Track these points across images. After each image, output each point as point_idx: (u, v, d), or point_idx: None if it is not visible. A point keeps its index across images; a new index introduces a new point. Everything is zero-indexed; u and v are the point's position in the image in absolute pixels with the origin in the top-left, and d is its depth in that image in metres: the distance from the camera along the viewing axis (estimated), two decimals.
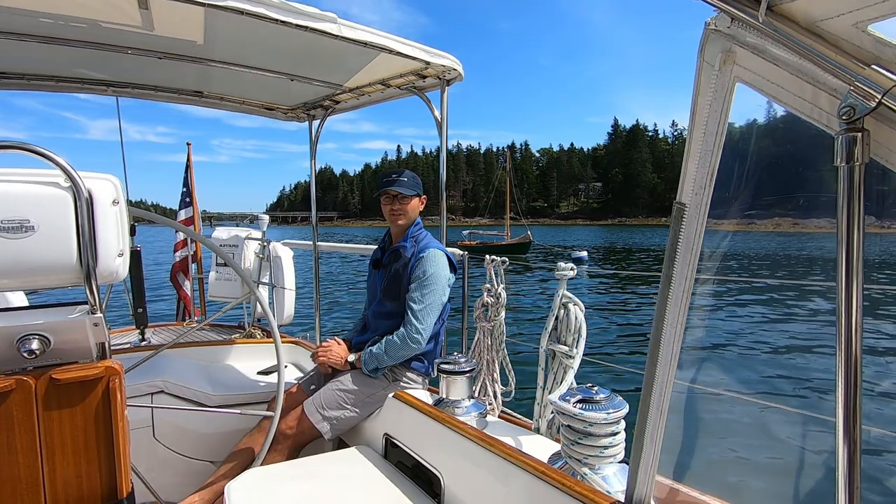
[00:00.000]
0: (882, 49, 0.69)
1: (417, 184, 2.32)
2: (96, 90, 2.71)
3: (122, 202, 1.27)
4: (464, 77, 2.37)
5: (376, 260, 2.41)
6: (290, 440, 2.09)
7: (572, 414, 1.43)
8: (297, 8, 1.75)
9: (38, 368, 1.20)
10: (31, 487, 1.18)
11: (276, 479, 1.77)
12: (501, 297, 2.14)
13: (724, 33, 0.85)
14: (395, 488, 1.75)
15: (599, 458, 1.42)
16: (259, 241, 4.01)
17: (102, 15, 1.83)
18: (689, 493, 1.23)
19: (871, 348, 6.02)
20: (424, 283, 2.13)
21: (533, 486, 1.39)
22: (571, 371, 1.82)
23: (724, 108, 0.89)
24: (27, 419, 1.17)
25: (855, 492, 0.77)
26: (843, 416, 0.76)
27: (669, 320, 1.02)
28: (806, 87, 0.78)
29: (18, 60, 2.33)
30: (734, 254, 1.00)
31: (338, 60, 2.31)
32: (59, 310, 1.25)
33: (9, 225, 1.11)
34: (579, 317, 1.84)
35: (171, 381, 2.49)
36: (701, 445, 1.30)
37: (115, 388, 1.25)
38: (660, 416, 1.06)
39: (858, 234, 0.73)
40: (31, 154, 1.16)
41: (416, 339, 2.09)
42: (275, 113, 3.27)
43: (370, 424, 2.18)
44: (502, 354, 2.16)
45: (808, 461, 1.46)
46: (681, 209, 0.97)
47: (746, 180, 0.95)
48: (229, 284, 4.20)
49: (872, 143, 0.72)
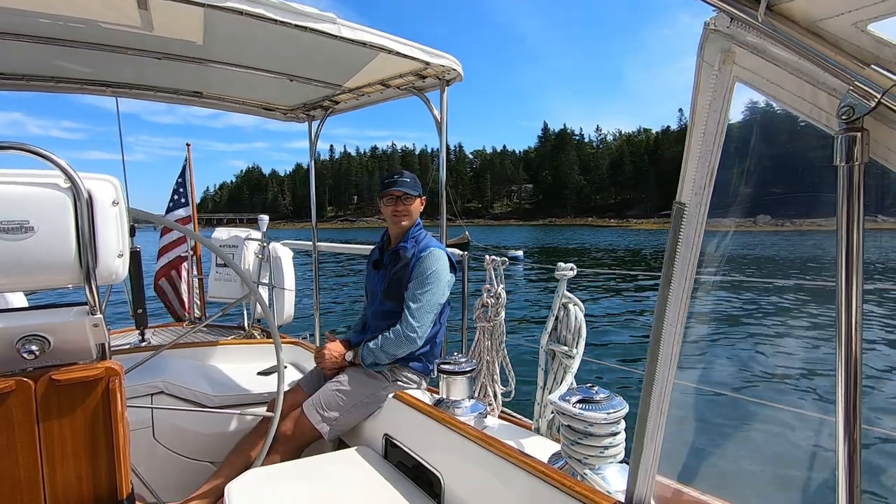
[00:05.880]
0: (881, 49, 0.69)
1: (418, 185, 2.32)
2: (95, 91, 2.70)
3: (122, 203, 1.27)
4: (463, 77, 2.37)
5: (376, 260, 2.41)
6: (290, 441, 2.09)
7: (572, 414, 1.43)
8: (296, 8, 1.75)
9: (37, 369, 1.20)
10: (31, 488, 1.18)
11: (276, 480, 1.77)
12: (501, 297, 2.14)
13: (724, 33, 0.85)
14: (396, 489, 1.74)
15: (600, 458, 1.42)
16: (259, 241, 4.01)
17: (102, 16, 1.83)
18: (690, 493, 1.23)
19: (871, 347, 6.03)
20: (424, 281, 2.13)
21: (533, 487, 1.39)
22: (571, 371, 1.82)
23: (724, 107, 0.89)
24: (27, 420, 1.17)
25: (855, 491, 0.77)
26: (844, 415, 0.76)
27: (669, 320, 1.02)
28: (805, 87, 0.78)
29: (17, 61, 2.33)
30: (734, 253, 1.00)
31: (337, 61, 2.31)
32: (59, 311, 1.25)
33: (8, 226, 1.11)
34: (579, 317, 1.84)
35: (171, 381, 2.49)
36: (701, 445, 1.30)
37: (114, 389, 1.25)
38: (660, 415, 1.06)
39: (858, 233, 0.73)
40: (31, 155, 1.16)
41: (411, 336, 2.09)
42: (274, 113, 3.26)
43: (370, 425, 2.18)
44: (502, 354, 2.16)
45: (808, 461, 1.45)
46: (680, 209, 0.97)
47: (746, 180, 0.95)
48: (229, 285, 4.20)
49: (872, 143, 0.72)
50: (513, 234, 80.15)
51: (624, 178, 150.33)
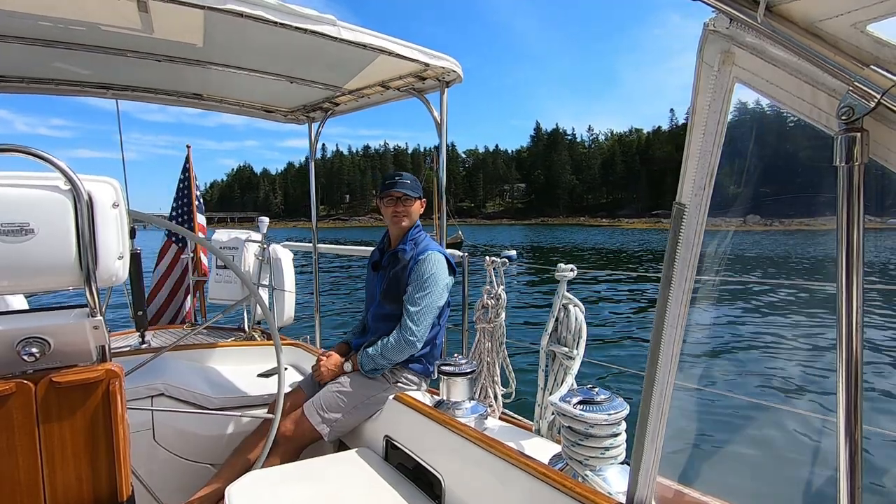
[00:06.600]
0: (881, 49, 0.69)
1: (418, 186, 2.32)
2: (96, 93, 2.71)
3: (122, 205, 1.27)
4: (463, 79, 2.38)
5: (375, 262, 2.41)
6: (291, 442, 2.09)
7: (573, 415, 1.43)
8: (295, 10, 1.75)
9: (38, 372, 1.20)
10: (31, 491, 1.18)
11: (276, 482, 1.77)
12: (501, 298, 2.14)
13: (723, 34, 0.85)
14: (396, 490, 1.74)
15: (600, 459, 1.41)
16: (259, 243, 4.02)
17: (102, 18, 1.83)
18: (691, 494, 1.23)
19: (872, 347, 6.02)
20: (422, 285, 2.13)
21: (534, 488, 1.39)
22: (572, 372, 1.81)
23: (723, 108, 0.89)
24: (27, 422, 1.17)
25: (856, 492, 0.76)
26: (844, 415, 0.76)
27: (669, 321, 1.02)
28: (805, 88, 0.78)
29: (17, 63, 2.34)
30: (734, 253, 1.00)
31: (337, 62, 2.31)
32: (59, 313, 1.25)
33: (9, 228, 1.11)
34: (579, 318, 1.84)
35: (171, 383, 2.49)
36: (702, 446, 1.30)
37: (115, 391, 1.25)
38: (660, 416, 1.06)
39: (858, 233, 0.73)
40: (31, 157, 1.16)
41: (411, 340, 2.09)
42: (274, 115, 3.27)
43: (371, 426, 2.17)
44: (502, 356, 2.16)
45: (809, 461, 1.45)
46: (680, 209, 0.97)
47: (746, 180, 0.95)
48: (229, 287, 4.20)
49: (871, 143, 0.72)
50: (505, 234, 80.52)
51: (615, 178, 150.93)
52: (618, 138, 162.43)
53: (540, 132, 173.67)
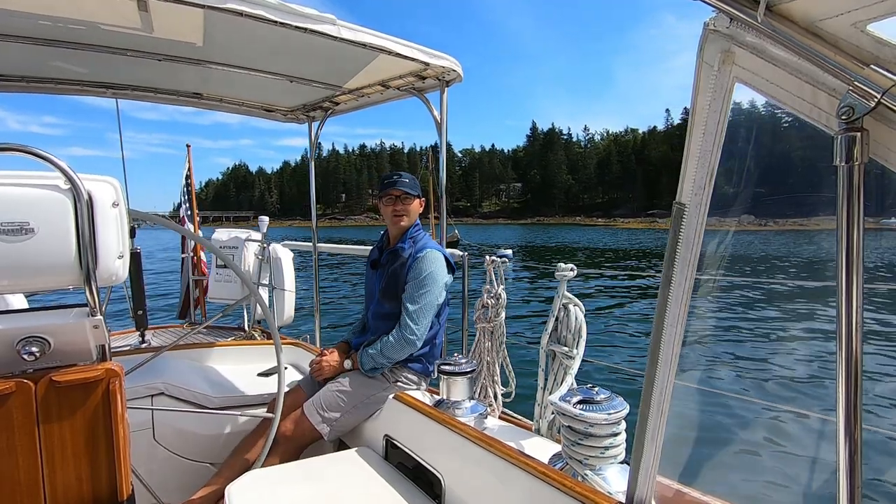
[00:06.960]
0: (881, 49, 0.69)
1: (417, 186, 2.32)
2: (96, 92, 2.71)
3: (122, 204, 1.27)
4: (463, 78, 2.37)
5: (374, 260, 2.41)
6: (291, 442, 2.09)
7: (573, 415, 1.43)
8: (295, 10, 1.75)
9: (38, 371, 1.20)
10: (31, 490, 1.18)
11: (276, 481, 1.77)
12: (501, 297, 2.14)
13: (723, 33, 0.85)
14: (396, 490, 1.74)
15: (600, 458, 1.41)
16: (259, 242, 4.02)
17: (102, 17, 1.83)
18: (691, 494, 1.23)
19: (872, 346, 6.02)
20: (420, 283, 2.13)
21: (534, 487, 1.39)
22: (572, 372, 1.81)
23: (724, 107, 0.89)
24: (27, 422, 1.17)
25: (856, 492, 0.76)
26: (844, 415, 0.76)
27: (669, 321, 1.02)
28: (805, 87, 0.78)
29: (16, 63, 2.33)
30: (734, 253, 1.00)
31: (337, 62, 2.31)
32: (59, 312, 1.25)
33: (9, 227, 1.11)
34: (579, 317, 1.84)
35: (171, 383, 2.49)
36: (702, 446, 1.30)
37: (115, 391, 1.25)
38: (660, 416, 1.06)
39: (858, 233, 0.73)
40: (31, 156, 1.16)
41: (410, 339, 2.10)
42: (274, 114, 3.27)
43: (370, 426, 2.18)
44: (502, 355, 2.16)
45: (809, 461, 1.45)
46: (680, 209, 0.97)
47: (746, 180, 0.95)
48: (229, 286, 4.20)
49: (871, 143, 0.72)
50: (501, 233, 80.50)
51: (611, 178, 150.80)
52: (614, 138, 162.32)
53: (536, 132, 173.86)
